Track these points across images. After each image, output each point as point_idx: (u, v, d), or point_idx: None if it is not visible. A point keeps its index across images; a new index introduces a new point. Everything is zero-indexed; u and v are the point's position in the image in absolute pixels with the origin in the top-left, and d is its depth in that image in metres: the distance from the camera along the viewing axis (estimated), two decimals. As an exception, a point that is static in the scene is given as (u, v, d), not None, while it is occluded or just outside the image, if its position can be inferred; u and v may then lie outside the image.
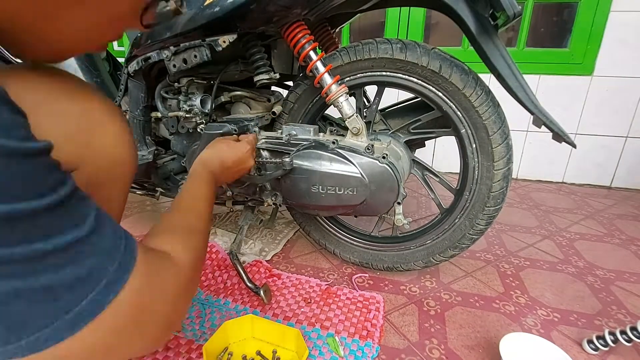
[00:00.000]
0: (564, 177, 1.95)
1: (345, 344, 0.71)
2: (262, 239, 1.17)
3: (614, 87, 1.75)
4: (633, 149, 1.81)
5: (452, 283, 0.96)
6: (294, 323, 0.77)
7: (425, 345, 0.73)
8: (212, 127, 0.86)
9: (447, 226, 0.89)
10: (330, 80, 0.80)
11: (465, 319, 0.82)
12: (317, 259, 1.07)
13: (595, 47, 1.73)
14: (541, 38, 1.87)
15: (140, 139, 1.04)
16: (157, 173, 1.09)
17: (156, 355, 0.67)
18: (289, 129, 0.85)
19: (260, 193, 0.91)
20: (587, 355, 0.72)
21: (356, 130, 0.81)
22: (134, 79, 0.99)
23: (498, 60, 0.71)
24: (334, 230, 1.02)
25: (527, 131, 1.92)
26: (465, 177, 0.85)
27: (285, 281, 0.93)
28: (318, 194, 0.80)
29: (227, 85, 0.97)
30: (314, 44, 0.79)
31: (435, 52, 0.77)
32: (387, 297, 0.89)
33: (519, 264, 1.07)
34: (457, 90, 0.77)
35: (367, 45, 0.81)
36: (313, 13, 0.78)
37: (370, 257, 0.98)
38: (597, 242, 1.24)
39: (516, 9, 0.66)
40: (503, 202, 0.82)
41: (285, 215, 1.36)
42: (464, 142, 0.82)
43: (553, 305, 0.88)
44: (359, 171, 0.76)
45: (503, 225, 1.35)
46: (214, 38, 0.81)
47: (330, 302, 0.84)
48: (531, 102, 0.71)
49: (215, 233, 1.19)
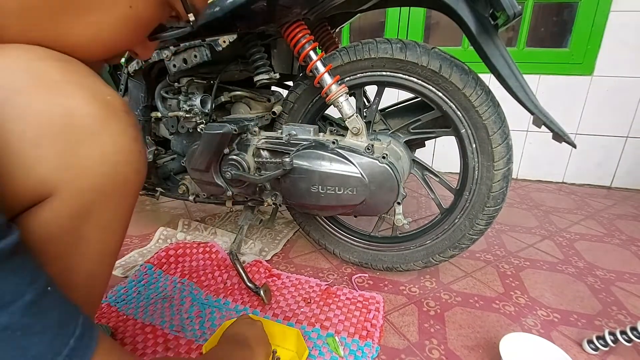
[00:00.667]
0: (564, 177, 1.95)
1: (345, 344, 0.71)
2: (262, 239, 1.16)
3: (614, 87, 1.75)
4: (633, 149, 1.81)
5: (452, 283, 0.96)
6: (294, 323, 0.77)
7: (425, 346, 0.73)
8: (212, 127, 0.86)
9: (447, 226, 0.89)
10: (330, 80, 0.80)
11: (465, 319, 0.82)
12: (317, 259, 1.07)
13: (595, 47, 1.73)
14: (541, 38, 1.87)
15: (140, 139, 1.04)
16: (157, 173, 1.09)
17: (156, 356, 0.67)
18: (289, 129, 0.85)
19: (260, 193, 0.91)
20: (587, 356, 0.72)
21: (356, 130, 0.81)
22: (134, 79, 0.99)
23: (498, 60, 0.71)
24: (333, 230, 1.02)
25: (527, 131, 1.92)
26: (465, 177, 0.85)
27: (285, 281, 0.92)
28: (318, 194, 0.80)
29: (227, 85, 0.98)
30: (314, 43, 0.79)
31: (435, 52, 0.77)
32: (387, 297, 0.89)
33: (519, 264, 1.07)
34: (457, 90, 0.77)
35: (367, 45, 0.81)
36: (313, 13, 0.78)
37: (370, 257, 0.98)
38: (597, 242, 1.24)
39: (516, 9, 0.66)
40: (503, 202, 0.82)
41: (285, 215, 1.36)
42: (464, 142, 0.82)
43: (553, 305, 0.88)
44: (359, 171, 0.76)
45: (503, 225, 1.35)
46: (214, 38, 0.81)
47: (330, 302, 0.84)
48: (531, 102, 0.71)
49: (215, 233, 1.19)
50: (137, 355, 0.67)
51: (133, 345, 0.69)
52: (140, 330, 0.73)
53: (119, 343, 0.70)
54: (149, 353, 0.67)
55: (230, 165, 0.87)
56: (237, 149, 0.88)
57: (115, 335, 0.72)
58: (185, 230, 1.21)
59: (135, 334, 0.72)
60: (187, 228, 1.23)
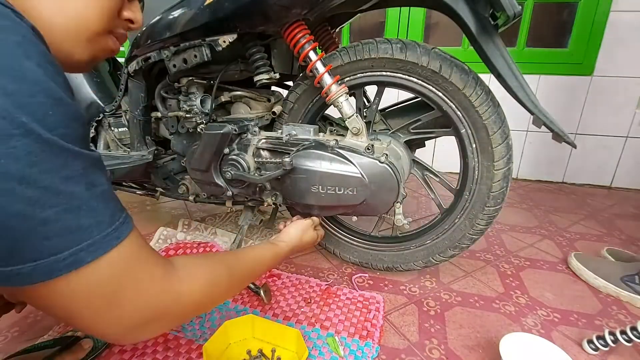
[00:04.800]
0: (564, 177, 1.95)
1: (345, 344, 0.71)
2: (262, 239, 1.16)
3: (614, 87, 1.75)
4: (633, 149, 1.81)
5: (452, 283, 0.96)
6: (294, 323, 0.77)
7: (425, 345, 0.73)
8: (212, 127, 0.86)
9: (447, 226, 0.89)
10: (330, 80, 0.80)
11: (465, 319, 0.82)
12: (317, 259, 1.07)
13: (595, 47, 1.73)
14: (541, 38, 1.86)
15: (140, 139, 1.04)
16: (157, 173, 1.09)
17: (156, 356, 0.67)
18: (289, 129, 0.85)
19: (260, 193, 0.91)
20: (587, 355, 0.72)
21: (356, 130, 0.81)
22: (134, 79, 0.99)
23: (498, 60, 0.71)
24: (334, 230, 1.02)
25: (527, 131, 1.92)
26: (465, 177, 0.85)
27: (285, 281, 0.93)
28: (318, 194, 0.80)
29: (227, 85, 0.97)
30: (314, 44, 0.79)
31: (435, 52, 0.77)
32: (387, 297, 0.89)
33: (519, 264, 1.07)
34: (457, 90, 0.77)
35: (367, 45, 0.81)
36: (313, 13, 0.78)
37: (370, 257, 0.98)
38: (597, 242, 1.24)
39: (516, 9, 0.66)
40: (503, 202, 0.82)
41: (285, 215, 1.36)
42: (464, 142, 0.82)
43: (553, 305, 0.88)
44: (359, 171, 0.76)
45: (503, 225, 1.35)
46: (214, 38, 0.81)
47: (330, 302, 0.84)
48: (531, 102, 0.71)
49: (215, 233, 1.19)
50: (137, 355, 0.67)
51: (133, 345, 0.69)
52: (141, 330, 0.73)
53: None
54: (149, 353, 0.67)
55: (231, 165, 0.87)
56: (237, 149, 0.88)
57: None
58: (185, 230, 1.21)
59: (135, 334, 0.72)
60: (187, 228, 1.23)
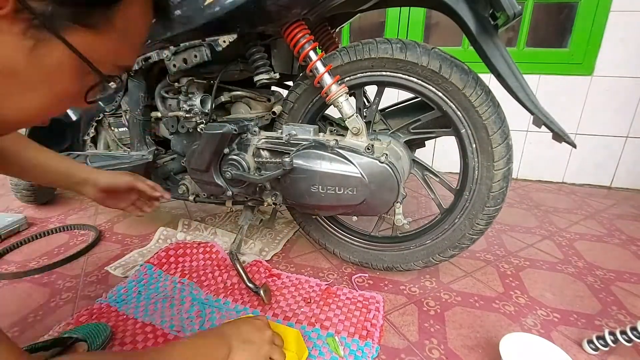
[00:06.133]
0: (564, 177, 1.95)
1: (345, 344, 0.71)
2: (262, 239, 1.16)
3: (614, 87, 1.75)
4: (633, 149, 1.81)
5: (452, 283, 0.96)
6: (294, 323, 0.77)
7: (425, 345, 0.73)
8: (212, 127, 0.86)
9: (447, 226, 0.89)
10: (330, 80, 0.80)
11: (465, 319, 0.82)
12: (317, 259, 1.07)
13: (595, 47, 1.73)
14: (541, 38, 1.87)
15: (140, 139, 1.04)
16: (157, 173, 1.09)
17: (156, 355, 0.67)
18: (289, 128, 0.85)
19: (260, 193, 0.91)
20: (587, 356, 0.72)
21: (356, 130, 0.81)
22: (134, 79, 0.99)
23: (498, 60, 0.71)
24: (334, 230, 1.02)
25: (527, 131, 1.92)
26: (465, 177, 0.85)
27: (285, 281, 0.93)
28: (318, 193, 0.80)
29: (227, 85, 0.98)
30: (314, 44, 0.79)
31: (435, 52, 0.77)
32: (387, 297, 0.89)
33: (518, 264, 1.07)
34: (457, 90, 0.77)
35: (367, 45, 0.81)
36: (313, 13, 0.78)
37: (370, 257, 0.98)
38: (597, 242, 1.24)
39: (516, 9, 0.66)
40: (503, 202, 0.82)
41: (285, 215, 1.36)
42: (464, 142, 0.82)
43: (553, 305, 0.88)
44: (359, 171, 0.76)
45: (503, 225, 1.35)
46: (214, 38, 0.81)
47: (330, 302, 0.84)
48: (531, 102, 0.71)
49: (215, 233, 1.19)
50: (137, 355, 0.67)
51: (133, 345, 0.69)
52: (140, 330, 0.73)
53: (120, 342, 0.70)
54: (149, 353, 0.67)
55: (230, 165, 0.87)
56: (237, 149, 0.88)
57: (115, 334, 0.72)
58: (185, 230, 1.21)
59: (135, 334, 0.72)
60: (187, 228, 1.23)
